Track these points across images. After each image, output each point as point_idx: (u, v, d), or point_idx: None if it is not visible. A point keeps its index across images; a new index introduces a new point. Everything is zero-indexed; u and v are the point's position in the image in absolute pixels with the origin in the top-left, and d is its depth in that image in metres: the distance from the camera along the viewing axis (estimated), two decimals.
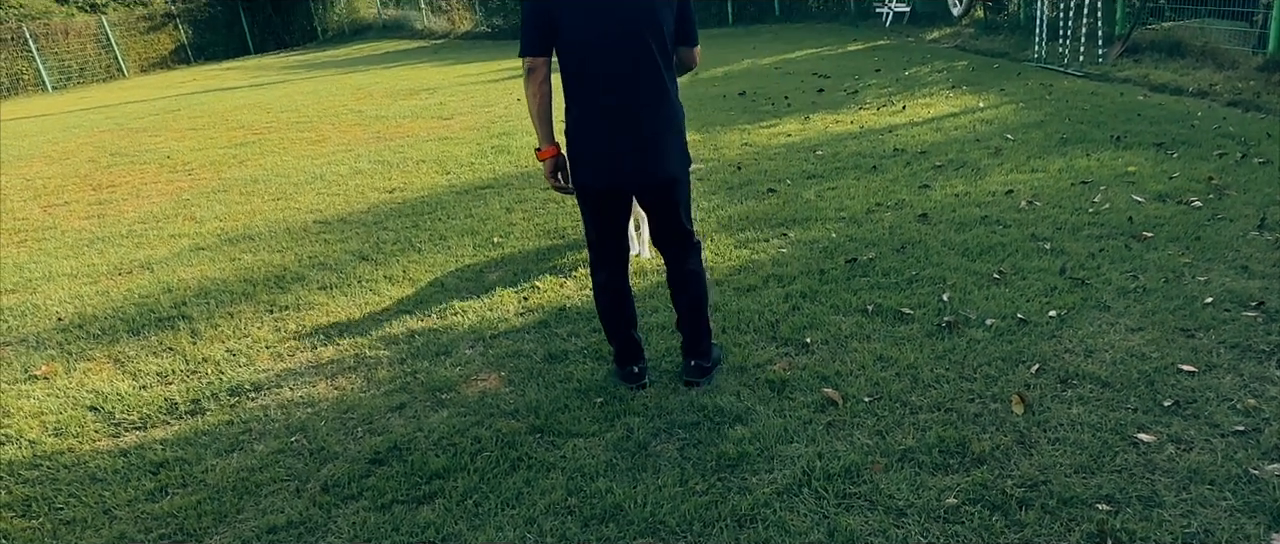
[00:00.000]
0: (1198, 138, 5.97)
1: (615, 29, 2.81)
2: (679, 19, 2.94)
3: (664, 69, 2.91)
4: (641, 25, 2.82)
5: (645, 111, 2.91)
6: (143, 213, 7.11)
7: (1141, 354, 3.20)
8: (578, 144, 2.97)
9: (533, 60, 2.86)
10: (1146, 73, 8.26)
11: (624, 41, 2.82)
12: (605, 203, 3.06)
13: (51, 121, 14.27)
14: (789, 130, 7.59)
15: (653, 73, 2.89)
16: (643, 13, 2.82)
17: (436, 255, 5.22)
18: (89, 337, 4.50)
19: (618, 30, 2.81)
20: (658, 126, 2.94)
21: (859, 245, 4.62)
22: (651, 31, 2.84)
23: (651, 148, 2.94)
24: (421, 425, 3.26)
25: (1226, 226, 4.32)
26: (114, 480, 3.09)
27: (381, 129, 10.02)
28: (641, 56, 2.85)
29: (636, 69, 2.86)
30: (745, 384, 3.29)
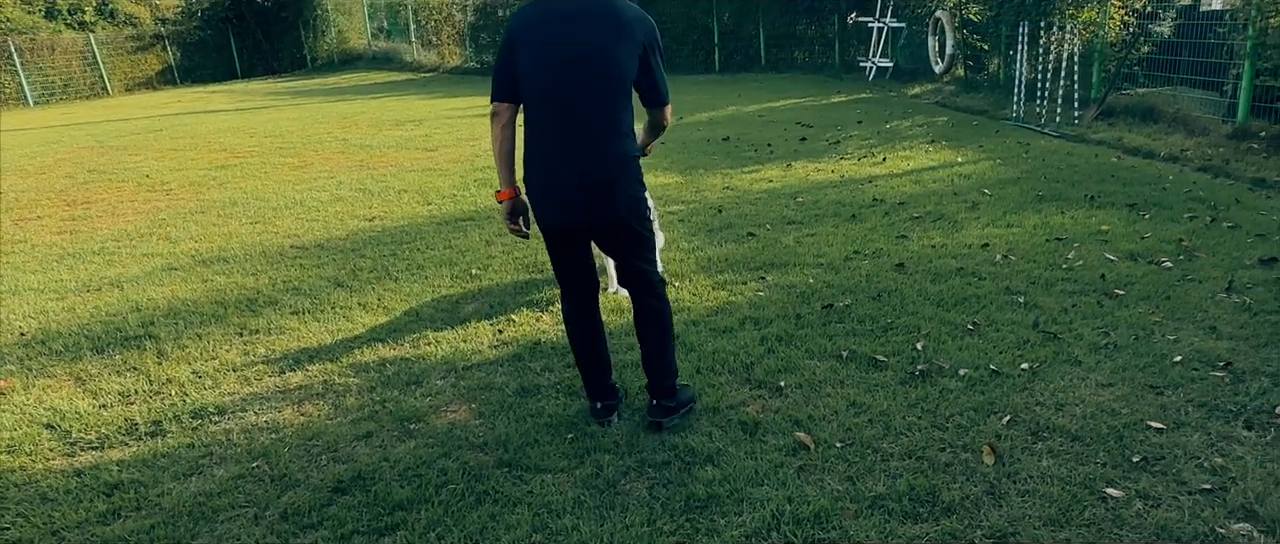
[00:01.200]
0: (1169, 200, 6.09)
1: (569, 73, 2.84)
2: (644, 73, 2.93)
3: (617, 114, 2.89)
4: (595, 70, 2.84)
5: (594, 154, 2.90)
6: (117, 230, 7.02)
7: (1111, 409, 3.21)
8: (530, 181, 3.02)
9: (497, 105, 2.96)
10: (1121, 136, 8.44)
11: (578, 86, 2.85)
12: (559, 239, 3.08)
13: (30, 136, 14.13)
14: (770, 176, 7.66)
15: (603, 117, 2.88)
16: (597, 57, 2.84)
17: (413, 284, 5.18)
18: (51, 353, 4.40)
19: (572, 75, 2.84)
20: (606, 170, 2.91)
21: (836, 292, 4.64)
22: (605, 77, 2.84)
23: (599, 189, 2.91)
24: (387, 455, 3.20)
25: (1196, 288, 4.39)
26: (65, 501, 3.00)
27: (365, 157, 10.00)
28: (594, 100, 2.87)
29: (588, 112, 2.87)
30: (717, 425, 3.27)
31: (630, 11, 2.89)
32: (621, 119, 2.92)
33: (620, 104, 2.90)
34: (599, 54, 2.85)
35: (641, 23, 2.88)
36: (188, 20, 25.66)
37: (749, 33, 18.38)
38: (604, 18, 2.85)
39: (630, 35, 2.85)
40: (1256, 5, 7.70)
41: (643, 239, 3.11)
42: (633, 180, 2.99)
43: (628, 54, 2.86)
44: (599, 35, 2.84)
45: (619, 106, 2.90)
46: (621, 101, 2.91)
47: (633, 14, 2.88)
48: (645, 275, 3.17)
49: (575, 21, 2.86)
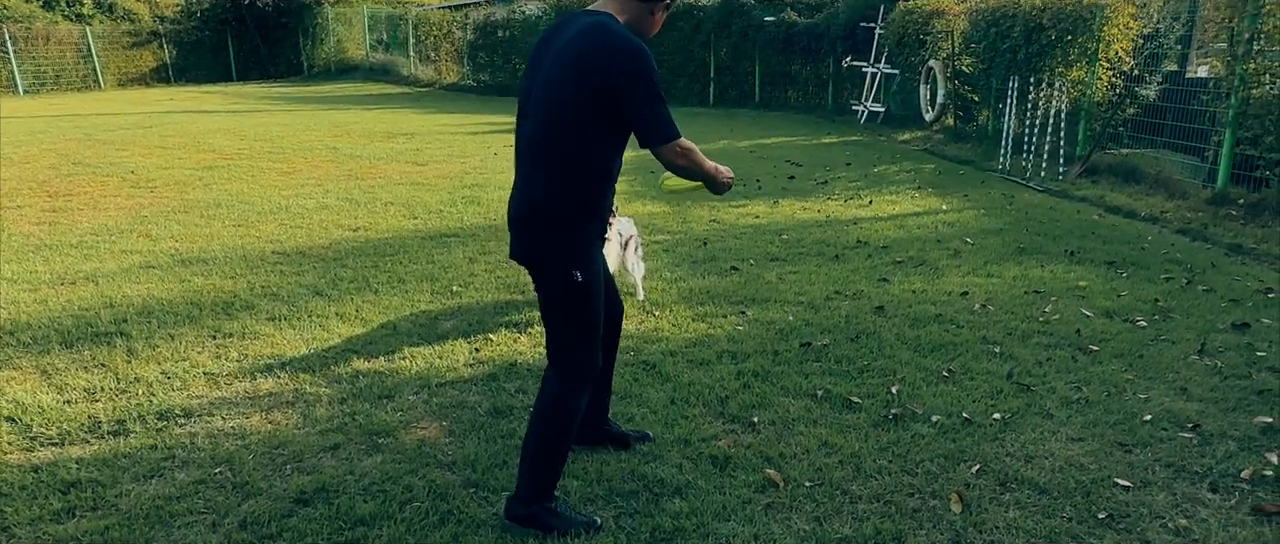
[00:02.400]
0: (1147, 260, 6.17)
1: (524, 103, 2.74)
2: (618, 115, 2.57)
3: (567, 157, 2.63)
4: (537, 105, 2.68)
5: (520, 189, 2.73)
6: (97, 225, 6.95)
7: (1080, 464, 3.23)
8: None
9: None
10: (1103, 193, 8.57)
11: (525, 117, 2.74)
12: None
13: (17, 124, 14.02)
14: (757, 212, 7.71)
15: (545, 157, 2.66)
16: (541, 91, 2.66)
17: (392, 297, 5.15)
18: (18, 345, 4.33)
19: (525, 104, 2.74)
20: (537, 206, 2.69)
21: (815, 330, 4.65)
22: (541, 115, 2.65)
23: (523, 225, 2.72)
24: (353, 469, 3.16)
25: (1169, 348, 4.44)
26: (20, 496, 2.94)
27: (354, 167, 9.98)
28: (536, 135, 2.69)
29: (531, 146, 2.72)
30: (688, 457, 3.25)
31: (599, 48, 2.55)
32: (557, 162, 2.64)
33: (553, 145, 2.63)
34: (544, 88, 2.65)
35: (608, 59, 2.53)
36: (186, 19, 25.68)
37: (745, 70, 18.58)
38: (567, 48, 2.61)
39: (582, 71, 2.54)
40: (1239, 75, 7.87)
41: (562, 307, 2.73)
42: (560, 228, 2.67)
43: (574, 92, 2.56)
44: (553, 68, 2.64)
45: (550, 147, 2.64)
46: (556, 142, 2.62)
47: (600, 51, 2.55)
48: (555, 351, 2.78)
49: (551, 47, 2.70)
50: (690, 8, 18.85)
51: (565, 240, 2.68)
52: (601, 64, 2.54)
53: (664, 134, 2.61)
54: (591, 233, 2.73)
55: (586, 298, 2.71)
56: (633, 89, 2.54)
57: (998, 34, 11.35)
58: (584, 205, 2.69)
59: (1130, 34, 9.66)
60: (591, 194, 2.70)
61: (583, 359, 2.77)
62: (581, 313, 2.73)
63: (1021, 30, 10.75)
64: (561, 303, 2.73)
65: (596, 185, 2.70)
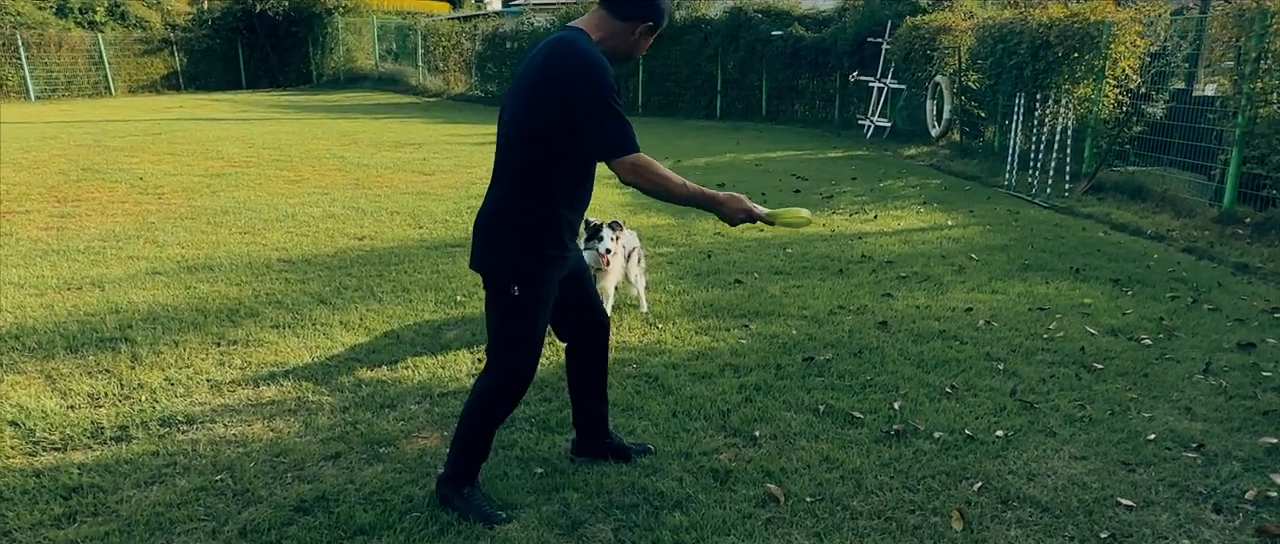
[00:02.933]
0: (1152, 278, 6.15)
1: (503, 125, 2.78)
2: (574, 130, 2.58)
3: (518, 173, 2.69)
4: (505, 120, 2.75)
5: (487, 202, 2.79)
6: (104, 230, 6.99)
7: (1083, 483, 3.21)
8: None
9: None
10: (1109, 211, 8.55)
11: (500, 135, 2.78)
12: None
13: (28, 130, 14.11)
14: (762, 225, 7.70)
15: (505, 172, 2.73)
16: (510, 108, 2.73)
17: (397, 307, 5.16)
18: (24, 349, 4.35)
19: (502, 126, 2.78)
20: (488, 219, 2.76)
21: (818, 345, 4.65)
22: (506, 130, 2.72)
23: (478, 235, 2.80)
24: (354, 477, 3.16)
25: (1174, 367, 4.42)
26: (21, 501, 2.94)
27: (361, 177, 10.03)
28: (500, 150, 2.77)
29: (496, 160, 2.79)
30: (689, 470, 3.25)
31: (562, 64, 2.60)
32: (515, 177, 2.70)
33: (511, 160, 2.70)
34: (512, 105, 2.72)
35: (565, 75, 2.57)
36: (198, 27, 25.86)
37: (752, 83, 18.63)
38: (533, 66, 2.67)
39: (547, 89, 2.59)
40: (1246, 94, 7.86)
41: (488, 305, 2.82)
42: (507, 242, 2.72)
43: (541, 110, 2.60)
44: (521, 84, 2.70)
45: (514, 164, 2.70)
46: (513, 158, 2.69)
47: (562, 66, 2.60)
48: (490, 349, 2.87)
49: (526, 65, 2.73)
50: (698, 21, 18.94)
51: (509, 255, 2.72)
52: (560, 79, 2.58)
53: (620, 148, 2.58)
54: (545, 252, 2.73)
55: (521, 312, 2.75)
56: (588, 104, 2.55)
57: (1004, 50, 11.36)
58: (534, 222, 2.70)
59: (1137, 52, 9.66)
60: (544, 212, 2.70)
61: (514, 366, 2.83)
62: (515, 325, 2.78)
63: (1028, 47, 10.77)
64: (496, 311, 2.80)
65: (552, 204, 2.70)
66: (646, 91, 19.82)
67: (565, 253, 2.83)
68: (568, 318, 3.06)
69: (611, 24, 2.71)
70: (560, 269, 2.84)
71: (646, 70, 19.62)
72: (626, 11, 2.70)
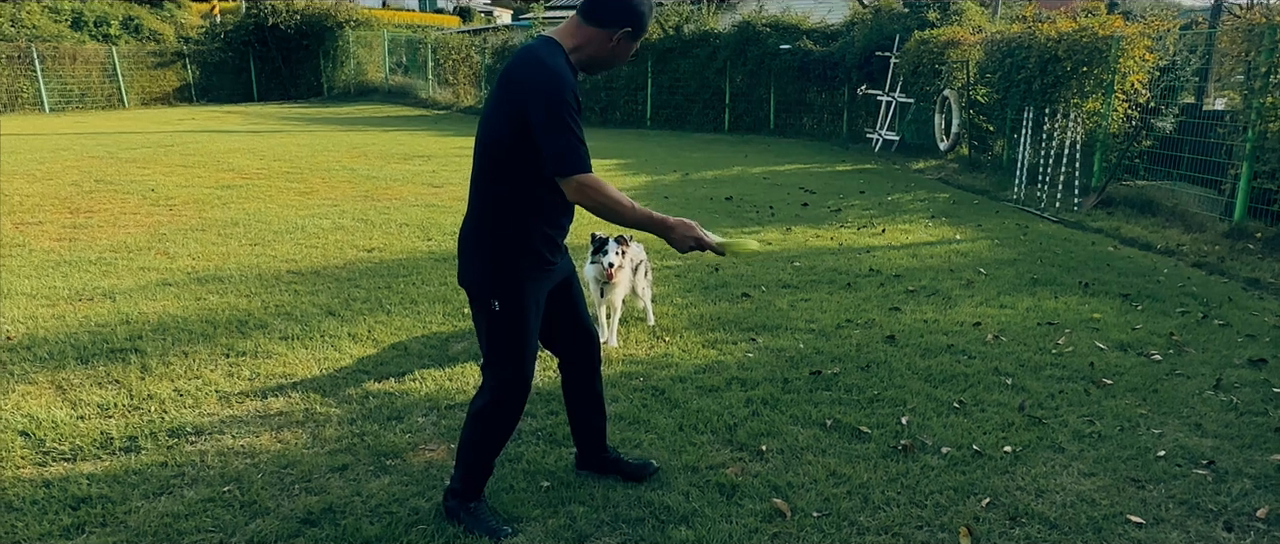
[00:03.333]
0: (1162, 293, 6.12)
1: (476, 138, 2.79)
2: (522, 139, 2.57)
3: (485, 187, 2.70)
4: (478, 135, 2.75)
5: (466, 217, 2.81)
6: (116, 242, 7.04)
7: (1091, 500, 3.19)
8: None
9: None
10: (1118, 225, 8.52)
11: (474, 149, 2.79)
12: None
13: (42, 141, 14.25)
14: (770, 238, 7.71)
15: (477, 185, 2.74)
16: (482, 122, 2.72)
17: (405, 319, 5.18)
18: (35, 359, 4.39)
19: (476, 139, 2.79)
20: (466, 234, 2.80)
21: (825, 359, 4.64)
22: (479, 144, 2.72)
23: (460, 250, 2.83)
24: (361, 489, 3.17)
25: (1184, 383, 4.39)
26: (30, 511, 2.96)
27: (371, 189, 10.08)
28: (474, 165, 2.77)
29: (472, 176, 2.79)
30: (695, 485, 3.24)
31: (521, 74, 2.59)
32: (485, 190, 2.71)
33: (487, 174, 2.70)
34: (483, 120, 2.71)
35: (520, 85, 2.57)
36: (210, 41, 26.07)
37: (760, 96, 18.67)
38: (502, 80, 2.65)
39: (507, 100, 2.60)
40: (1256, 109, 7.84)
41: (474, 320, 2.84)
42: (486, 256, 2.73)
43: (502, 121, 2.60)
44: (491, 100, 2.70)
45: (484, 177, 2.71)
46: (490, 171, 2.69)
47: (521, 76, 2.59)
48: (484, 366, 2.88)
49: (497, 81, 2.71)
50: (706, 35, 19.00)
51: (485, 269, 2.73)
52: (518, 90, 2.56)
53: (563, 165, 2.53)
54: (518, 264, 2.72)
55: (505, 326, 2.74)
56: (540, 115, 2.51)
57: (1013, 64, 11.37)
58: (507, 235, 2.68)
59: (1146, 66, 9.65)
60: (516, 225, 2.68)
61: (507, 380, 2.82)
62: (500, 340, 2.77)
63: (1037, 61, 10.77)
64: (482, 327, 2.80)
65: (522, 216, 2.69)
66: (655, 105, 19.88)
67: (545, 266, 2.80)
68: (556, 331, 3.03)
69: (587, 30, 2.66)
70: (542, 282, 2.81)
71: (655, 84, 19.69)
72: (603, 17, 2.63)
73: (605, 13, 2.64)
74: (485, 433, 2.90)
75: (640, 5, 2.65)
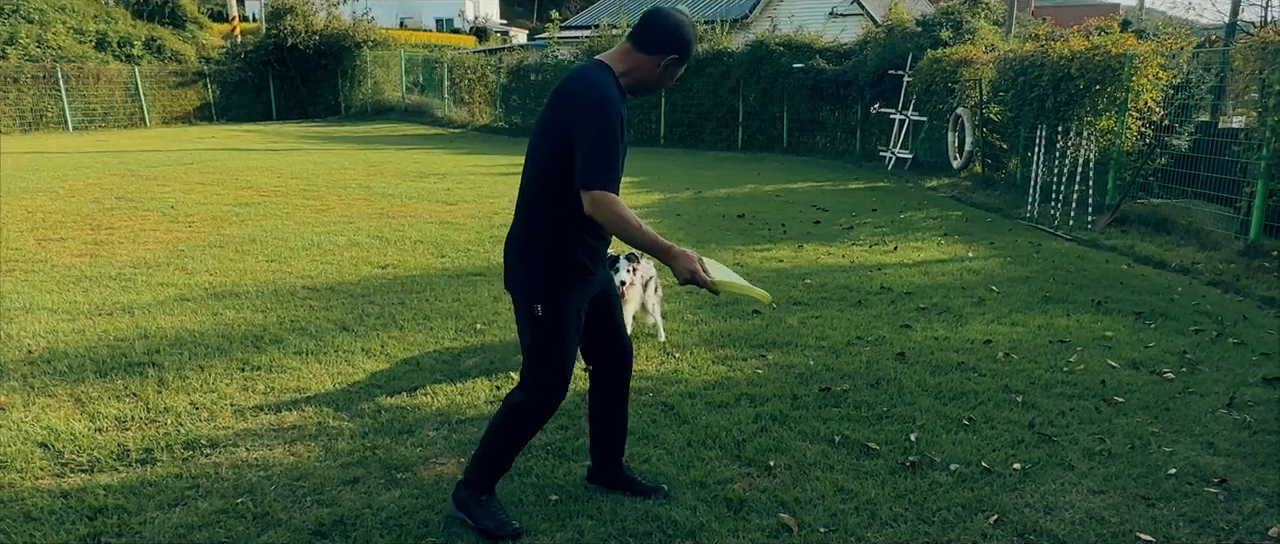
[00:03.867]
0: (1176, 311, 6.09)
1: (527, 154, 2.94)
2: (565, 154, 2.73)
3: (535, 197, 2.86)
4: (531, 156, 2.90)
5: (514, 224, 2.97)
6: (135, 258, 7.15)
7: (1101, 517, 3.18)
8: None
9: None
10: (1133, 243, 8.48)
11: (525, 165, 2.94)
12: None
13: (65, 159, 14.50)
14: (781, 256, 7.73)
15: (527, 198, 2.90)
16: (534, 145, 2.88)
17: (417, 334, 5.23)
18: (55, 372, 4.46)
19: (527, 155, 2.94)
20: (515, 243, 2.95)
21: (835, 376, 4.65)
22: (533, 165, 2.87)
23: (506, 256, 3.01)
24: (371, 502, 3.20)
25: (1197, 401, 4.36)
26: (48, 521, 3.02)
27: (386, 206, 10.19)
28: (524, 177, 2.93)
29: (521, 187, 2.95)
30: (703, 500, 3.26)
31: (571, 94, 2.78)
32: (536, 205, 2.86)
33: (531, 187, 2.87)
34: (535, 138, 2.88)
35: (568, 102, 2.76)
36: (231, 61, 26.47)
37: (773, 115, 18.72)
38: (554, 99, 2.84)
39: (557, 120, 2.77)
40: (1271, 127, 7.80)
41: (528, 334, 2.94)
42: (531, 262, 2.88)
43: (551, 142, 2.78)
44: (542, 119, 2.87)
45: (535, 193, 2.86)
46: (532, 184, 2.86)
47: (566, 93, 2.80)
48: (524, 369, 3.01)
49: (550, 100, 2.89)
50: (719, 54, 19.10)
51: (531, 275, 2.88)
52: (565, 106, 2.76)
53: (588, 178, 2.66)
54: (562, 272, 2.86)
55: (547, 332, 2.89)
56: (581, 130, 2.68)
57: (1026, 83, 11.37)
58: (553, 244, 2.84)
59: (1160, 84, 9.63)
60: (562, 235, 2.83)
61: (545, 384, 2.95)
62: (542, 344, 2.91)
63: (1049, 79, 10.77)
64: (525, 331, 2.94)
65: (573, 231, 2.82)
66: (668, 123, 19.97)
67: (587, 275, 2.93)
68: (595, 339, 3.13)
69: (636, 57, 2.84)
70: (584, 291, 2.94)
71: (669, 102, 19.79)
72: (651, 46, 2.83)
73: (655, 41, 2.82)
74: (512, 427, 3.02)
75: (686, 34, 2.85)
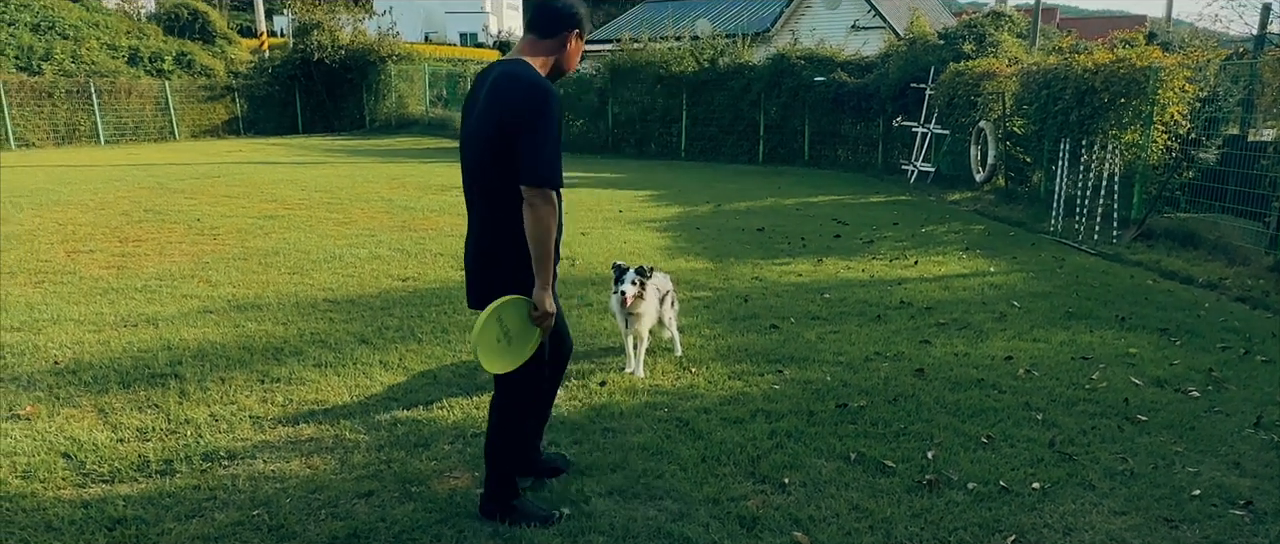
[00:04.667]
0: (1202, 328, 5.98)
1: (463, 151, 2.96)
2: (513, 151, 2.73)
3: (486, 203, 2.87)
4: (468, 156, 2.91)
5: (470, 240, 2.99)
6: (161, 270, 7.26)
7: (1122, 539, 3.12)
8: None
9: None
10: (1159, 259, 8.35)
11: (464, 171, 2.96)
12: None
13: (97, 172, 14.77)
14: (800, 270, 7.70)
15: (477, 205, 2.91)
16: (467, 142, 2.90)
17: (435, 347, 5.26)
18: (80, 383, 4.54)
19: (463, 153, 2.96)
20: (474, 256, 2.97)
21: (852, 392, 4.61)
22: (474, 166, 2.87)
23: (470, 273, 3.02)
24: (386, 516, 3.22)
25: (1222, 420, 4.28)
26: (68, 531, 3.06)
27: (408, 219, 10.27)
28: (470, 185, 2.93)
29: (468, 195, 2.96)
30: (716, 517, 3.24)
31: (505, 88, 2.77)
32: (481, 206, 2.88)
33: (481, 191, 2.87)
34: (469, 140, 2.88)
35: (509, 99, 2.74)
36: (258, 75, 26.88)
37: (794, 128, 18.70)
38: (485, 95, 2.81)
39: (493, 114, 2.76)
40: None
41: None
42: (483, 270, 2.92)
43: (490, 138, 2.76)
44: (475, 120, 2.84)
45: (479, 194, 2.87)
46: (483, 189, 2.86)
47: (503, 89, 2.78)
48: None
49: (475, 96, 2.92)
50: (741, 67, 19.14)
51: (500, 278, 2.88)
52: (508, 103, 2.74)
53: (536, 174, 2.68)
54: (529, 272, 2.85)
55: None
56: (529, 123, 2.70)
57: (1049, 96, 11.27)
58: (515, 246, 2.82)
59: (1186, 98, 9.51)
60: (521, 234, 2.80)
61: (525, 376, 3.02)
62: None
63: (1073, 92, 10.67)
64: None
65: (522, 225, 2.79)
66: (689, 136, 20.00)
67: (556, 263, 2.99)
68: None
69: (544, 44, 2.94)
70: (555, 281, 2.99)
71: (689, 116, 19.83)
72: (554, 28, 2.92)
73: (554, 23, 2.92)
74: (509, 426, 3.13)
75: (577, 6, 2.94)
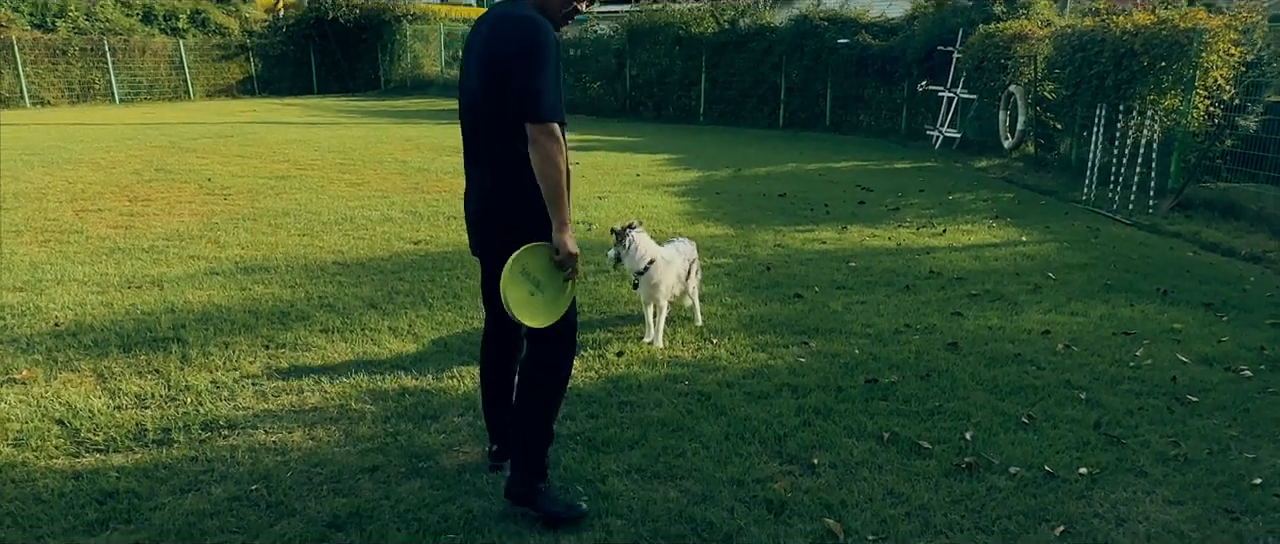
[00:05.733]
0: (1250, 303, 5.69)
1: (464, 101, 2.82)
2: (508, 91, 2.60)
3: (490, 151, 2.73)
4: (470, 107, 2.78)
5: (477, 190, 2.85)
6: (169, 230, 7.10)
7: (1179, 531, 2.90)
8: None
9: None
10: (1198, 230, 8.02)
11: (466, 122, 2.82)
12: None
13: (109, 131, 14.63)
14: (824, 237, 7.44)
15: (481, 152, 2.78)
16: (467, 89, 2.78)
17: (447, 313, 5.07)
18: (80, 346, 4.38)
19: (464, 103, 2.82)
20: (484, 203, 2.82)
21: (882, 366, 4.39)
22: (479, 110, 2.74)
23: (479, 221, 2.88)
24: (390, 493, 3.04)
25: (1278, 402, 4.03)
26: (57, 504, 2.90)
27: (421, 181, 10.06)
28: (473, 136, 2.81)
29: (471, 147, 2.83)
30: (741, 500, 3.04)
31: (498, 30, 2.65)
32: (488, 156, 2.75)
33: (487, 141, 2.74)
34: (469, 90, 2.77)
35: (504, 38, 2.62)
36: (273, 34, 26.59)
37: (816, 92, 18.27)
38: (480, 42, 2.71)
39: (489, 59, 2.64)
40: None
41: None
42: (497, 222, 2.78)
43: (490, 84, 2.65)
44: (472, 65, 2.74)
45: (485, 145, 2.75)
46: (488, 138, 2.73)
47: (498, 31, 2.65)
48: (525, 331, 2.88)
49: (471, 45, 2.79)
50: (762, 28, 18.67)
51: (514, 229, 2.71)
52: (501, 43, 2.61)
53: (537, 110, 2.54)
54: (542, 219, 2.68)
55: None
56: (522, 61, 2.55)
57: (1084, 59, 10.83)
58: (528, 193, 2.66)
59: (1231, 61, 9.09)
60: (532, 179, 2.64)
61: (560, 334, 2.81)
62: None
63: (1110, 56, 10.24)
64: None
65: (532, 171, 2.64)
66: (708, 100, 19.60)
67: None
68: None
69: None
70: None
71: (709, 79, 19.42)
72: None
73: None
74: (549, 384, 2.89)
75: None
